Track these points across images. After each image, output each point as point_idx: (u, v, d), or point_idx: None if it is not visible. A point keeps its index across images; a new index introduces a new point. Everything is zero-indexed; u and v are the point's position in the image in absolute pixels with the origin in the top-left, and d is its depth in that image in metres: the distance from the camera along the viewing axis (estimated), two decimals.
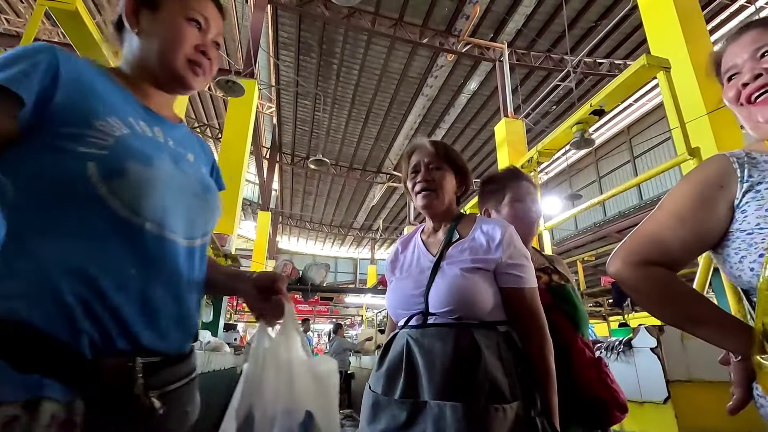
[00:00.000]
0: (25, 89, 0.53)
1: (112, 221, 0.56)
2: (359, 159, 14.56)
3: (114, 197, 0.56)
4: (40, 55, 0.56)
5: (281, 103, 12.00)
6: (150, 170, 0.59)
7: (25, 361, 0.48)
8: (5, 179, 0.54)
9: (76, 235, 0.54)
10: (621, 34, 8.74)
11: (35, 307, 0.50)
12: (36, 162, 0.55)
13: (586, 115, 3.23)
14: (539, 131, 10.65)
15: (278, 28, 9.31)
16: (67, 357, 0.51)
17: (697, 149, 2.40)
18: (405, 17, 8.63)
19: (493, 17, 8.54)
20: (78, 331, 0.51)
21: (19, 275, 0.51)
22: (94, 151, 0.56)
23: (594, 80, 9.79)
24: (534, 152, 3.90)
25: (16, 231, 0.53)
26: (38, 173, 0.55)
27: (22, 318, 0.49)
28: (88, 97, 0.59)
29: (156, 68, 0.70)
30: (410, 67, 9.96)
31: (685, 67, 4.43)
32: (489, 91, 10.53)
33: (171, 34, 0.70)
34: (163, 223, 0.60)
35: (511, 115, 8.24)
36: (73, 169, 0.55)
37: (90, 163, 0.55)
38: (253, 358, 0.66)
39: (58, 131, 0.55)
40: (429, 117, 11.76)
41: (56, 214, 0.54)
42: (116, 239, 0.56)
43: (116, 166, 0.57)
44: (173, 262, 0.62)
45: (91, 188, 0.55)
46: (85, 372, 0.51)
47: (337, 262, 24.37)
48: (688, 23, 4.68)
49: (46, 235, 0.53)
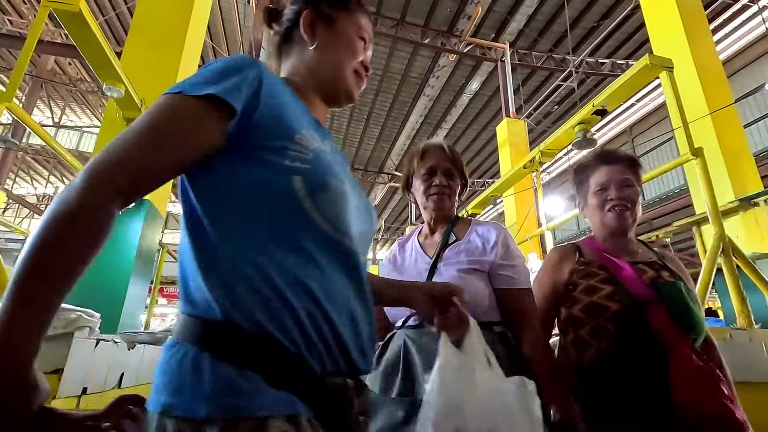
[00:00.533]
0: (238, 102, 0.54)
1: (316, 236, 0.55)
2: (361, 159, 14.56)
3: (317, 212, 0.55)
4: (249, 70, 0.57)
5: None
6: (342, 185, 0.59)
7: (277, 376, 0.48)
8: (212, 189, 0.55)
9: (290, 249, 0.53)
10: (623, 34, 8.72)
11: (274, 321, 0.49)
12: (242, 174, 0.54)
13: (588, 115, 3.22)
14: (541, 131, 10.63)
15: None
16: (307, 372, 0.50)
17: (700, 149, 2.39)
18: (407, 17, 8.63)
19: (495, 17, 8.53)
20: (311, 346, 0.51)
21: (250, 287, 0.50)
22: (298, 165, 0.56)
23: (596, 80, 9.77)
24: (536, 152, 3.90)
25: (225, 239, 0.52)
26: (245, 185, 0.54)
27: (268, 331, 0.49)
28: (284, 109, 0.59)
29: (328, 80, 0.71)
30: (412, 67, 9.96)
31: (688, 67, 4.42)
32: (491, 91, 10.51)
33: (347, 48, 0.72)
34: (352, 238, 0.60)
35: (513, 116, 8.23)
36: (280, 183, 0.55)
37: (296, 177, 0.55)
38: (445, 374, 0.64)
39: (261, 144, 0.55)
40: (431, 117, 11.75)
41: (267, 226, 0.53)
42: (321, 255, 0.55)
43: (319, 181, 0.57)
44: (363, 278, 0.60)
45: (296, 202, 0.55)
46: (317, 389, 0.50)
47: None
48: (691, 23, 4.67)
49: (262, 248, 0.52)
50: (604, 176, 1.16)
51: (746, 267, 2.34)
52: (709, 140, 4.04)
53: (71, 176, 17.09)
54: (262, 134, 0.55)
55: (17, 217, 17.25)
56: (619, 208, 1.12)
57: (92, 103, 13.49)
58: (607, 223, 1.14)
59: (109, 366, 1.81)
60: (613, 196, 1.13)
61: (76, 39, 2.55)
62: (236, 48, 9.70)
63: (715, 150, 4.07)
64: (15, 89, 2.19)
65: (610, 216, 1.13)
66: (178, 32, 3.80)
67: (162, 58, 3.67)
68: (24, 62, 2.26)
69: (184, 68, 3.77)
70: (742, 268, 2.32)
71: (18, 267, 0.41)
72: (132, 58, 3.55)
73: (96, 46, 2.58)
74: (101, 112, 12.79)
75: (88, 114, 14.47)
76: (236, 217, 0.53)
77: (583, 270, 1.10)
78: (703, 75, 4.40)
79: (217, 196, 0.54)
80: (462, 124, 12.02)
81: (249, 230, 0.53)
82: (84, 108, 14.12)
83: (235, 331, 0.48)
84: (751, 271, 2.34)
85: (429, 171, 1.14)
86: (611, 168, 1.16)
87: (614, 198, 1.12)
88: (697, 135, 2.75)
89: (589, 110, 3.18)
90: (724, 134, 4.18)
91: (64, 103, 13.57)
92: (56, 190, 17.61)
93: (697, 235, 3.57)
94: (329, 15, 0.72)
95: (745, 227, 3.72)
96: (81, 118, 14.95)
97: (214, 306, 0.49)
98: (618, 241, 1.15)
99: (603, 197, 1.15)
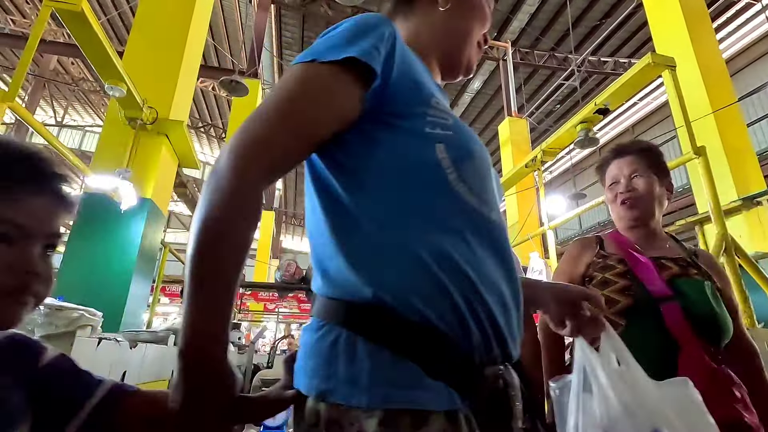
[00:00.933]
0: (377, 64, 0.48)
1: (463, 210, 0.50)
2: None
3: (462, 183, 0.50)
4: (383, 27, 0.51)
5: None
6: (484, 152, 0.54)
7: (437, 366, 0.44)
8: (349, 163, 0.50)
9: (439, 226, 0.48)
10: (626, 33, 8.70)
11: (431, 305, 0.45)
12: (381, 144, 0.50)
13: (590, 114, 3.21)
14: (543, 130, 10.61)
15: (282, 28, 9.33)
16: (466, 363, 0.46)
17: (703, 148, 2.38)
18: None
19: (497, 16, 8.51)
20: (469, 333, 0.46)
21: (402, 269, 0.46)
22: (438, 131, 0.51)
23: (598, 79, 9.74)
24: (538, 151, 3.89)
25: (371, 217, 0.48)
26: (385, 157, 0.49)
27: (426, 316, 0.45)
28: (414, 71, 0.54)
29: (454, 48, 0.65)
30: None
31: (691, 66, 4.40)
32: (492, 90, 10.49)
33: (479, 16, 0.67)
34: (498, 212, 0.54)
35: (514, 114, 8.21)
36: (422, 152, 0.50)
37: (438, 146, 0.50)
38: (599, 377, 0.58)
39: (399, 110, 0.50)
40: None
41: (412, 202, 0.48)
42: (469, 231, 0.49)
43: (463, 148, 0.52)
44: (510, 257, 0.54)
45: (441, 172, 0.50)
46: (475, 380, 0.47)
47: None
48: (694, 21, 4.65)
49: (409, 226, 0.47)
50: (615, 170, 1.17)
51: (749, 266, 2.33)
52: (711, 139, 4.02)
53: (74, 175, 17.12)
54: (399, 99, 0.51)
55: None
56: (627, 200, 1.12)
57: (94, 103, 13.53)
58: (620, 216, 1.15)
59: (111, 364, 1.82)
60: (622, 189, 1.14)
61: (78, 38, 2.55)
62: (238, 47, 9.70)
63: (717, 149, 4.05)
64: (17, 89, 2.20)
65: (620, 209, 1.14)
66: (180, 32, 3.81)
67: (164, 58, 3.67)
68: (26, 62, 2.26)
69: (186, 67, 3.77)
70: (744, 267, 2.31)
71: (192, 261, 0.41)
72: (134, 57, 3.56)
73: (98, 45, 2.59)
74: (103, 111, 12.82)
75: (91, 113, 14.51)
76: (378, 193, 0.49)
77: (601, 263, 1.09)
78: (706, 73, 4.38)
79: (355, 171, 0.50)
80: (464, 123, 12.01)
81: (394, 207, 0.48)
82: (86, 107, 14.16)
83: (391, 315, 0.45)
84: (753, 271, 2.34)
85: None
86: (620, 161, 1.17)
87: (623, 191, 1.13)
88: (699, 134, 2.74)
89: (591, 109, 3.17)
90: (727, 133, 4.16)
91: (67, 102, 13.61)
92: None
93: (700, 234, 3.56)
94: None
95: (747, 226, 3.70)
96: (83, 117, 14.99)
97: (364, 288, 0.45)
98: (640, 235, 1.13)
99: (615, 191, 1.16)
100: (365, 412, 0.41)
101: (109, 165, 3.07)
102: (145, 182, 3.21)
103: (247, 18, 8.62)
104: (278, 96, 0.48)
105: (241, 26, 9.21)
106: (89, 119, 14.89)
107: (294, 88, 0.48)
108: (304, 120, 0.47)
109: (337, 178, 0.50)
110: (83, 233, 2.93)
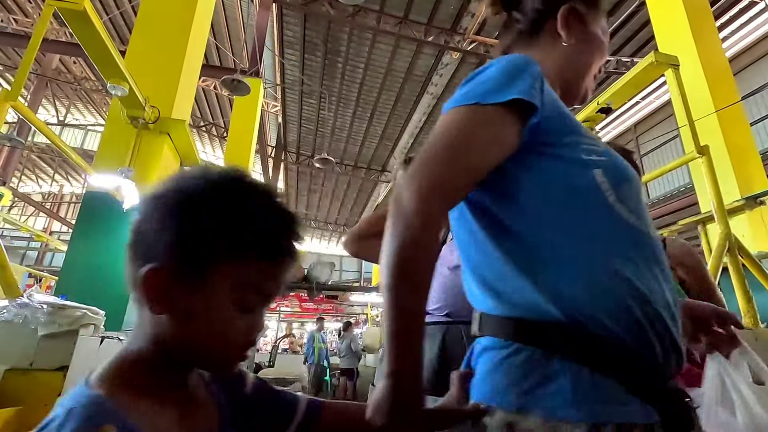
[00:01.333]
0: (538, 101, 0.54)
1: (624, 228, 0.54)
2: (364, 158, 14.56)
3: (621, 204, 0.54)
4: (532, 67, 0.57)
5: (286, 102, 12.02)
6: (635, 174, 0.59)
7: (633, 381, 0.47)
8: (511, 192, 0.55)
9: (607, 246, 0.52)
10: (628, 31, 8.66)
11: (619, 323, 0.48)
12: (542, 173, 0.54)
13: (592, 113, 3.20)
14: None
15: (283, 27, 9.32)
16: (656, 378, 0.49)
17: (706, 147, 2.37)
18: (410, 15, 8.60)
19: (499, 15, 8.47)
20: (652, 347, 0.49)
21: (584, 286, 0.49)
22: (594, 158, 0.56)
23: (600, 78, 9.70)
24: None
25: (548, 241, 0.52)
26: (548, 184, 0.54)
27: (617, 334, 0.48)
28: (558, 102, 0.58)
29: (574, 80, 0.70)
30: (415, 65, 9.93)
31: (694, 65, 4.38)
32: None
33: (598, 50, 0.71)
34: (653, 228, 0.57)
35: None
36: (583, 178, 0.54)
37: (596, 171, 0.55)
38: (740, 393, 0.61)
39: (553, 140, 0.55)
40: (434, 115, 11.72)
41: (581, 224, 0.53)
42: (632, 247, 0.53)
43: (619, 172, 0.56)
44: (667, 270, 0.57)
45: (601, 196, 0.54)
46: (666, 393, 0.49)
47: (342, 261, 24.38)
48: (697, 20, 4.63)
49: (581, 247, 0.52)
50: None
51: (752, 266, 2.32)
52: (715, 138, 4.01)
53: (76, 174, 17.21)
54: (553, 130, 0.55)
55: (23, 215, 17.37)
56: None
57: (97, 102, 13.55)
58: None
59: None
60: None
61: (81, 38, 2.56)
62: (240, 46, 9.71)
63: (721, 148, 4.04)
64: (20, 88, 2.20)
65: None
66: (182, 31, 3.81)
67: (166, 57, 3.68)
68: (29, 61, 2.27)
69: (188, 66, 3.78)
70: (747, 267, 2.30)
71: (391, 294, 0.47)
72: (136, 56, 3.56)
73: (100, 44, 2.59)
74: (105, 110, 12.84)
75: (93, 112, 14.54)
76: (549, 217, 0.53)
77: None
78: (709, 72, 4.36)
79: (518, 197, 0.54)
80: None
81: (563, 230, 0.52)
82: (88, 106, 14.19)
83: (584, 333, 0.48)
84: (757, 270, 2.33)
85: None
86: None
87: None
88: (702, 133, 2.73)
89: (594, 108, 3.16)
90: (731, 132, 4.15)
91: (69, 101, 13.64)
92: (61, 189, 17.71)
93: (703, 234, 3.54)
94: (584, 14, 0.70)
95: (751, 226, 3.69)
96: (85, 116, 15.03)
97: (549, 307, 0.49)
98: None
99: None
100: (572, 425, 0.44)
101: (111, 164, 3.08)
102: (147, 181, 3.21)
103: (249, 17, 8.62)
104: (449, 139, 0.53)
105: (242, 25, 9.22)
106: (91, 118, 14.93)
107: (463, 130, 0.53)
108: (476, 160, 0.52)
109: (498, 203, 0.55)
110: (85, 232, 2.94)
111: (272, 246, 0.45)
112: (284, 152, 14.11)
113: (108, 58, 2.68)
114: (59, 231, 16.41)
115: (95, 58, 2.69)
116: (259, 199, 0.45)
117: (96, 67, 2.76)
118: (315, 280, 5.55)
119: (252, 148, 6.92)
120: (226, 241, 0.42)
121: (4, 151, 9.94)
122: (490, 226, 0.55)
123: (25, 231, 4.93)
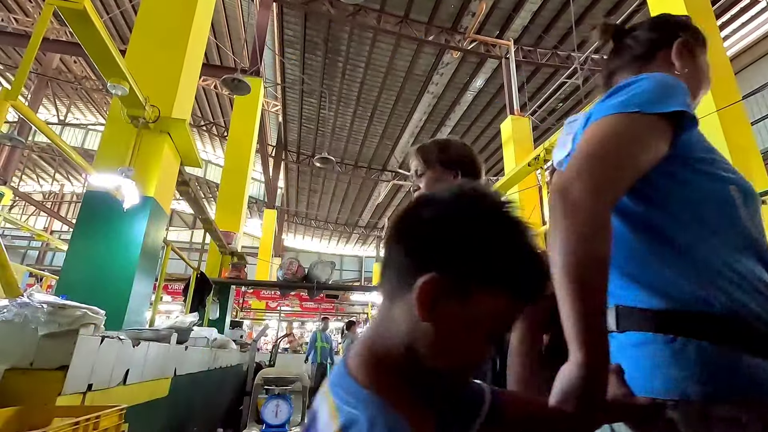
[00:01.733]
0: (693, 115, 0.61)
1: (751, 243, 0.60)
2: (364, 157, 14.55)
3: (747, 218, 0.61)
4: (684, 86, 0.63)
5: (287, 101, 12.02)
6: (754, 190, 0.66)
7: None
8: (658, 196, 0.61)
9: (746, 251, 0.59)
10: None
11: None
12: (689, 182, 0.61)
13: None
14: (546, 129, 10.57)
15: (284, 26, 9.32)
16: None
17: None
18: (410, 15, 8.60)
19: (500, 14, 8.48)
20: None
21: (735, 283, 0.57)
22: (730, 175, 0.63)
23: None
24: (540, 150, 3.88)
25: (705, 243, 0.59)
26: (695, 192, 0.61)
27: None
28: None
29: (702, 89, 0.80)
30: (416, 64, 9.93)
31: None
32: (495, 88, 10.46)
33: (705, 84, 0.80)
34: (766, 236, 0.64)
35: (517, 113, 8.18)
36: (722, 191, 0.61)
37: (731, 186, 0.62)
38: None
39: (695, 155, 0.63)
40: (434, 115, 11.72)
41: (723, 232, 0.60)
42: (753, 252, 0.60)
43: (748, 190, 0.63)
44: None
45: (735, 210, 0.61)
46: None
47: (343, 260, 24.41)
48: (698, 18, 4.56)
49: (727, 251, 0.59)
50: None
51: None
52: (716, 137, 4.00)
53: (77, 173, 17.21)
54: (696, 145, 0.63)
55: (23, 214, 17.39)
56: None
57: (97, 101, 13.56)
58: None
59: (114, 363, 1.82)
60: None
61: (81, 37, 2.55)
62: (240, 46, 9.71)
63: (722, 147, 4.03)
64: (20, 87, 2.20)
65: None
66: (182, 30, 3.81)
67: (166, 56, 3.67)
68: (29, 60, 2.26)
69: (188, 66, 3.77)
70: None
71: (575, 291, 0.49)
72: (136, 56, 3.56)
73: (100, 44, 2.59)
74: (106, 110, 12.84)
75: (93, 112, 14.55)
76: (697, 223, 0.60)
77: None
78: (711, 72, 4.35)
79: (666, 204, 0.61)
80: (466, 122, 11.97)
81: (712, 234, 0.59)
82: (89, 106, 14.20)
83: (748, 325, 0.55)
84: None
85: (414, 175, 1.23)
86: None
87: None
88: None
89: None
90: (732, 131, 4.14)
91: (69, 101, 13.65)
92: (62, 188, 17.72)
93: None
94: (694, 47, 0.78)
95: None
96: (86, 115, 15.04)
97: (712, 301, 0.56)
98: None
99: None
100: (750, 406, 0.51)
101: (111, 163, 3.07)
102: (148, 180, 3.21)
103: (249, 16, 8.62)
104: (617, 142, 0.57)
105: (243, 24, 9.22)
106: (92, 118, 14.94)
107: (629, 135, 0.57)
108: (640, 163, 0.57)
109: (645, 207, 0.62)
110: (86, 232, 2.94)
111: (534, 288, 0.46)
112: (285, 151, 14.11)
113: (108, 57, 2.67)
114: (60, 230, 16.42)
115: (95, 57, 2.69)
116: (531, 238, 0.47)
117: (96, 66, 2.76)
118: (315, 279, 5.55)
119: (252, 147, 6.91)
120: (505, 273, 0.44)
121: (4, 150, 9.95)
122: (636, 226, 0.62)
123: (26, 230, 4.95)
